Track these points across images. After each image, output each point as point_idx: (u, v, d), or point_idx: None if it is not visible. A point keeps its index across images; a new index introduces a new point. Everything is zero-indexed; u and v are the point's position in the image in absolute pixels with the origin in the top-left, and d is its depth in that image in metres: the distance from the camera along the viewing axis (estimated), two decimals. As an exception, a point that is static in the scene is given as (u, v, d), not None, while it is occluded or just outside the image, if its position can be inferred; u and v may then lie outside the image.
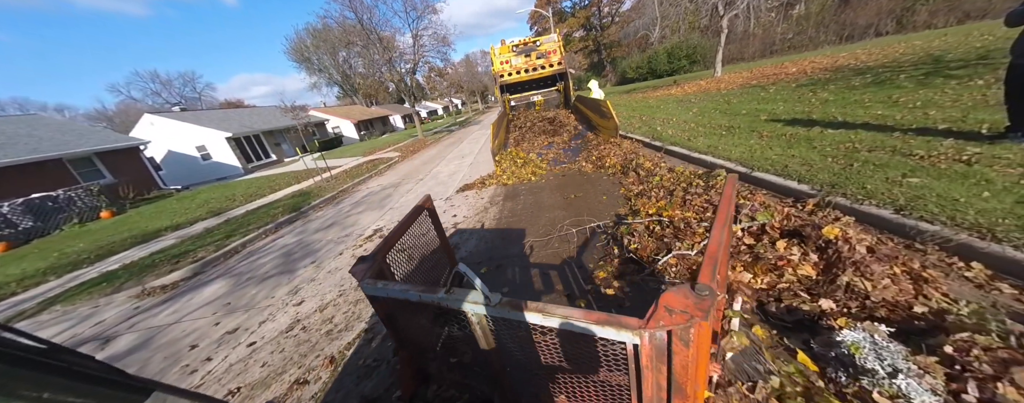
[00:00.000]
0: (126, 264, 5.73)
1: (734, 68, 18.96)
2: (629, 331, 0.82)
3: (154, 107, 44.99)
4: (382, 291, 1.26)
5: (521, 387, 1.33)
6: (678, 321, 0.75)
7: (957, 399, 1.18)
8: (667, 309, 0.78)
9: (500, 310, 1.00)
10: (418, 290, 1.17)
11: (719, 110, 7.55)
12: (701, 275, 0.89)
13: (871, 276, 1.74)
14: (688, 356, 0.79)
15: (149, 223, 8.84)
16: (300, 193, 9.62)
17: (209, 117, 20.26)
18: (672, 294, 0.81)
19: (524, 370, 1.25)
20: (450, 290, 1.08)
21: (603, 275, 2.57)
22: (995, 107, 3.74)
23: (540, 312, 0.94)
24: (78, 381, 0.52)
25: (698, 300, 0.78)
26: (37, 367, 0.49)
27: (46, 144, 11.91)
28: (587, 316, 0.88)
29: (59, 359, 0.52)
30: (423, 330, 1.45)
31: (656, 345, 0.81)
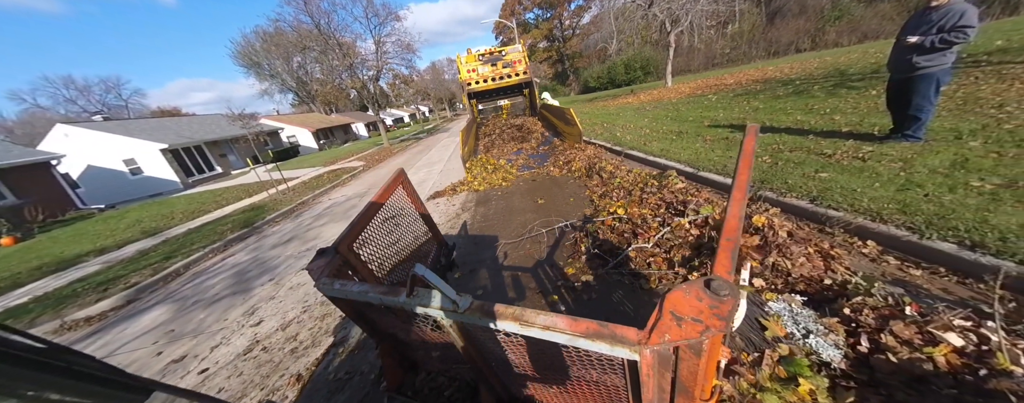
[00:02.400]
0: (37, 296, 4.95)
1: (683, 79, 20.74)
2: (626, 347, 0.66)
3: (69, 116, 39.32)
4: (340, 292, 1.15)
5: (508, 378, 1.25)
6: (689, 334, 0.59)
7: (854, 350, 1.44)
8: (674, 316, 0.61)
9: (470, 317, 0.86)
10: (379, 291, 1.05)
11: (670, 117, 8.25)
12: (718, 265, 0.71)
13: (791, 256, 2.04)
14: (698, 364, 0.64)
15: (65, 248, 7.69)
16: (253, 207, 8.93)
17: (139, 127, 18.11)
18: (681, 295, 0.63)
19: (508, 365, 1.15)
20: (413, 293, 0.95)
21: (572, 271, 2.72)
22: (884, 113, 4.51)
23: (516, 320, 0.77)
24: (78, 381, 0.52)
25: (715, 303, 0.60)
26: (37, 367, 0.49)
27: (-78, 160, 9.93)
28: (574, 325, 0.71)
29: (59, 359, 0.52)
30: (399, 326, 1.33)
31: (659, 359, 0.66)
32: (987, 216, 2.03)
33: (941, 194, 2.38)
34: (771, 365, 1.40)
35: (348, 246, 1.38)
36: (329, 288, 1.18)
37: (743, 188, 0.96)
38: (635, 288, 2.36)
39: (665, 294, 0.65)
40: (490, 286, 2.85)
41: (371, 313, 1.34)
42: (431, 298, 0.93)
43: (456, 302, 0.87)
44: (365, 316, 1.37)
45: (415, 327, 1.20)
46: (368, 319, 1.39)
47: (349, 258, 1.37)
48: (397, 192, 1.70)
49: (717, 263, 0.72)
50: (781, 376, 1.38)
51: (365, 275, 1.45)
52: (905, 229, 2.17)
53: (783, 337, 1.51)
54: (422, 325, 1.08)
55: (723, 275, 0.67)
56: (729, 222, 0.84)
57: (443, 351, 1.36)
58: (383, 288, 1.08)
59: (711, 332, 0.58)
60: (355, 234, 1.43)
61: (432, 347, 1.37)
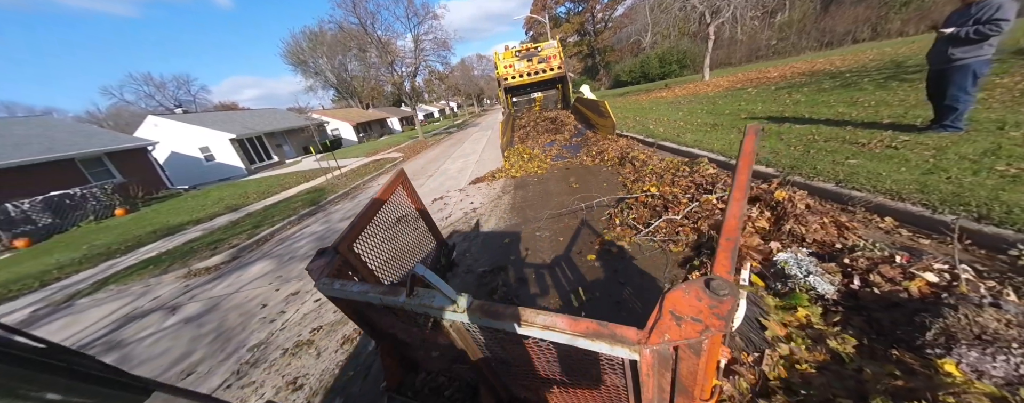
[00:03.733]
0: (164, 251, 6.18)
1: (722, 72, 19.94)
2: (625, 346, 0.67)
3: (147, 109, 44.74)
4: (340, 292, 1.12)
5: (508, 378, 1.24)
6: (689, 334, 0.60)
7: (846, 287, 1.80)
8: (673, 316, 0.63)
9: (470, 317, 0.86)
10: (379, 291, 1.04)
11: (705, 110, 8.28)
12: (717, 265, 0.72)
13: (806, 224, 2.37)
14: (698, 364, 0.65)
15: (168, 218, 9.24)
16: (314, 189, 10.09)
17: (212, 119, 20.58)
18: (680, 294, 0.64)
19: (508, 365, 1.14)
20: (413, 293, 0.95)
21: (609, 238, 3.17)
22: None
23: (516, 319, 0.78)
24: (78, 381, 0.51)
25: (715, 302, 0.61)
26: (37, 367, 0.48)
27: (59, 144, 12.20)
28: (574, 325, 0.73)
29: (59, 359, 0.51)
30: (399, 326, 1.30)
31: (659, 359, 0.67)
32: (1000, 194, 2.24)
33: (963, 177, 2.56)
34: (776, 305, 1.79)
35: (348, 246, 1.35)
36: (329, 288, 1.15)
37: (743, 188, 0.97)
38: (664, 251, 2.77)
39: (665, 293, 0.64)
40: (533, 249, 3.37)
41: (371, 313, 1.30)
42: (431, 298, 0.91)
43: (456, 302, 0.86)
44: (365, 316, 1.33)
45: (415, 327, 1.18)
46: (368, 319, 1.35)
47: (349, 258, 1.34)
48: (397, 192, 1.64)
49: (717, 263, 0.72)
50: (784, 306, 1.78)
51: (365, 275, 1.41)
52: (920, 205, 2.41)
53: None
54: (422, 325, 1.09)
55: (723, 275, 0.67)
56: (729, 222, 0.84)
57: (443, 351, 1.33)
58: (383, 288, 1.07)
59: (711, 332, 0.58)
60: (355, 234, 1.40)
61: (432, 347, 1.35)
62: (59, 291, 5.15)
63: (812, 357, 1.47)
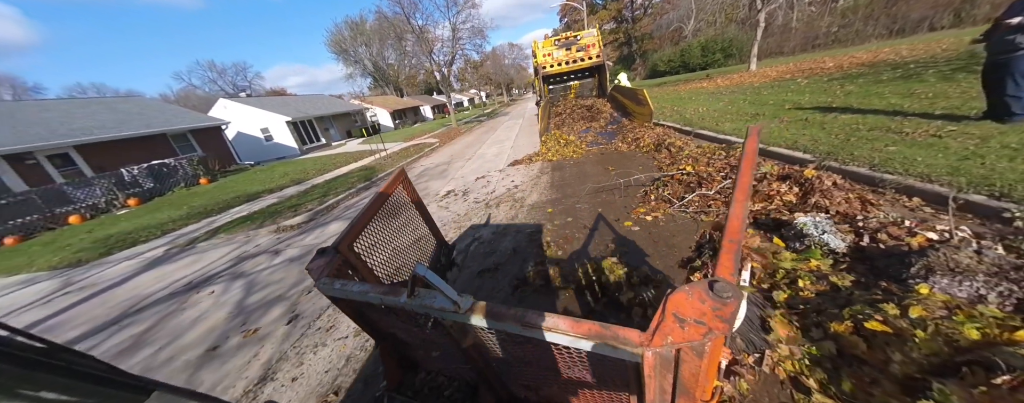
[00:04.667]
0: (252, 212, 7.34)
1: (771, 62, 18.78)
2: (628, 348, 0.68)
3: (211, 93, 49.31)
4: (340, 292, 1.11)
5: (508, 378, 1.24)
6: (691, 336, 0.60)
7: (856, 244, 2.14)
8: (676, 318, 0.62)
9: (471, 318, 0.86)
10: (379, 292, 1.04)
11: (748, 101, 8.17)
12: (720, 267, 0.72)
13: (831, 197, 2.67)
14: (700, 365, 0.66)
15: (245, 187, 10.66)
16: (365, 168, 11.13)
17: (270, 102, 22.63)
18: (683, 296, 0.63)
19: (508, 365, 1.15)
20: (414, 293, 0.95)
21: (642, 210, 3.59)
22: (993, 97, 4.35)
23: (518, 321, 0.79)
24: (78, 381, 0.51)
25: (718, 305, 0.60)
26: (37, 367, 0.48)
27: (153, 121, 14.23)
28: (576, 327, 0.72)
29: (59, 359, 0.51)
30: (399, 326, 1.30)
31: (661, 361, 0.68)
32: (1028, 176, 2.40)
33: (997, 163, 2.71)
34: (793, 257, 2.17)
35: (348, 246, 1.34)
36: (329, 288, 1.14)
37: (745, 189, 0.96)
38: (696, 221, 3.16)
39: (668, 295, 0.64)
40: (574, 217, 3.86)
41: (371, 313, 1.29)
42: (432, 299, 0.91)
43: (457, 303, 0.85)
44: (365, 316, 1.32)
45: (415, 327, 1.19)
46: (368, 319, 1.34)
47: (349, 258, 1.33)
48: (398, 191, 1.63)
49: (720, 265, 0.71)
50: (800, 259, 2.15)
51: (365, 275, 1.40)
52: (947, 186, 2.61)
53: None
54: (422, 325, 1.09)
55: (726, 277, 0.66)
56: (731, 223, 0.83)
57: (443, 351, 1.34)
58: (384, 288, 1.06)
59: (714, 334, 0.58)
60: (355, 234, 1.38)
61: (432, 347, 1.35)
62: (180, 238, 6.38)
63: (814, 287, 1.87)
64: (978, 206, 2.38)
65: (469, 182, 6.93)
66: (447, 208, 5.47)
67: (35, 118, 12.01)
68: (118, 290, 4.51)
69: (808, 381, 1.43)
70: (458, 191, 6.41)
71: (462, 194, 6.14)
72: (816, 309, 1.72)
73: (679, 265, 2.46)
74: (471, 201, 5.55)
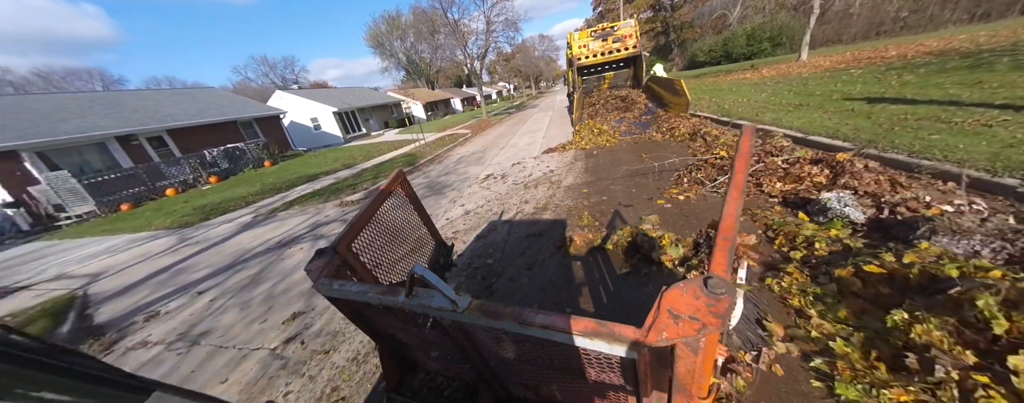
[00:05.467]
0: (316, 189, 8.37)
1: (826, 51, 17.45)
2: (624, 344, 0.67)
3: (264, 86, 53.51)
4: (339, 292, 1.12)
5: (507, 377, 1.25)
6: (686, 332, 0.60)
7: (875, 218, 2.38)
8: (671, 314, 0.62)
9: (469, 317, 0.87)
10: (378, 292, 1.05)
11: (793, 92, 7.94)
12: (714, 264, 0.74)
13: (860, 179, 2.86)
14: (695, 361, 0.66)
15: (304, 170, 11.93)
16: (406, 155, 12.01)
17: (318, 94, 24.48)
18: (678, 293, 0.64)
19: (507, 364, 1.16)
20: (412, 293, 0.96)
21: (675, 191, 3.90)
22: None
23: (515, 319, 0.79)
24: (78, 381, 0.51)
25: (712, 301, 0.61)
26: (37, 367, 0.48)
27: (225, 109, 16.10)
28: (573, 324, 0.72)
29: (59, 359, 0.51)
30: (398, 326, 1.31)
31: (657, 357, 0.69)
32: (1068, 161, 2.48)
33: (1042, 148, 2.75)
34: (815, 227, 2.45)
35: (347, 246, 1.34)
36: (328, 289, 1.14)
37: (739, 187, 0.97)
38: (726, 199, 3.44)
39: (663, 292, 0.65)
40: (608, 198, 4.23)
41: (370, 313, 1.29)
42: (430, 298, 0.91)
43: (455, 302, 0.86)
44: (364, 316, 1.33)
45: (414, 327, 1.20)
46: (367, 319, 1.35)
47: (347, 258, 1.34)
48: (396, 193, 1.64)
49: (714, 262, 0.73)
50: (821, 229, 2.43)
51: (363, 275, 1.42)
52: (983, 171, 2.72)
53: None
54: (421, 325, 1.10)
55: (720, 273, 0.68)
56: (725, 221, 0.85)
57: (442, 351, 1.36)
58: (382, 288, 1.07)
59: (708, 330, 0.59)
60: (354, 235, 1.38)
61: (431, 347, 1.37)
62: (261, 209, 7.49)
63: (828, 248, 2.17)
64: (1008, 189, 2.50)
65: (506, 167, 7.44)
66: (488, 189, 6.02)
67: (135, 106, 14.10)
68: (225, 245, 5.53)
69: (809, 311, 1.79)
70: (496, 175, 6.94)
71: (501, 177, 6.66)
72: (826, 262, 2.05)
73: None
74: (510, 183, 6.06)
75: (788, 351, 1.56)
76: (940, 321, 1.29)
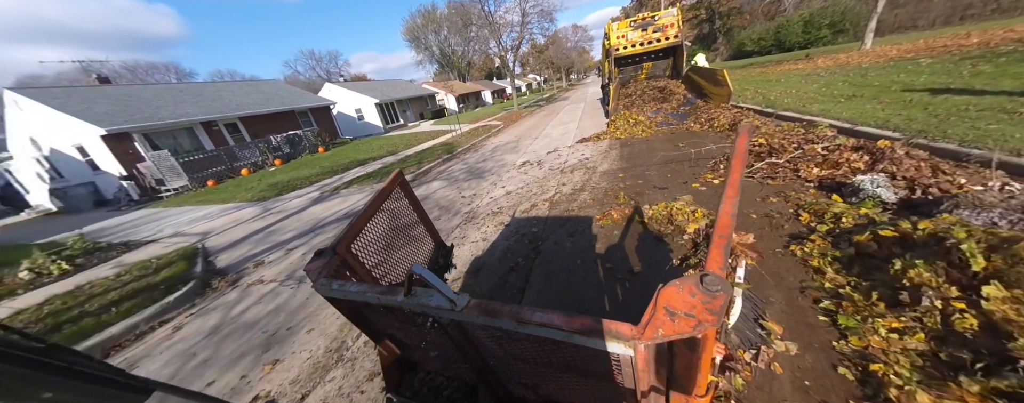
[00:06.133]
0: (368, 172, 9.29)
1: (896, 39, 15.82)
2: (620, 342, 0.68)
3: (311, 80, 57.34)
4: (338, 292, 1.13)
5: (507, 376, 1.27)
6: (682, 329, 0.61)
7: (908, 198, 2.55)
8: (668, 311, 0.63)
9: (467, 316, 0.87)
10: (377, 291, 1.06)
11: (848, 82, 7.56)
12: (710, 261, 0.74)
13: (899, 164, 2.97)
14: (692, 359, 0.68)
15: (354, 155, 13.08)
16: (444, 144, 12.75)
17: (362, 86, 26.10)
18: (674, 290, 0.65)
19: (506, 364, 1.17)
20: (411, 292, 0.95)
21: (710, 176, 4.11)
22: None
23: (513, 318, 0.79)
24: (78, 381, 0.52)
25: (708, 298, 0.62)
26: (37, 367, 0.48)
27: (286, 100, 17.83)
28: (569, 322, 0.73)
29: (59, 359, 0.51)
30: (397, 326, 1.32)
31: (653, 355, 0.69)
32: None
33: (1108, 137, 2.70)
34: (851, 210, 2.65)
35: (346, 247, 1.36)
36: (327, 289, 1.15)
37: (735, 186, 0.97)
38: (761, 183, 3.63)
39: (659, 290, 0.66)
40: (644, 181, 4.52)
41: (369, 313, 1.31)
42: (429, 298, 0.92)
43: (453, 301, 0.86)
44: (363, 317, 1.34)
45: (413, 327, 1.22)
46: (366, 320, 1.36)
47: (347, 259, 1.35)
48: (395, 193, 1.65)
49: (710, 259, 0.74)
50: (852, 207, 2.63)
51: (362, 276, 1.43)
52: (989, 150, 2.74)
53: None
54: (420, 325, 1.10)
55: (716, 271, 0.69)
56: (721, 219, 0.86)
57: (441, 351, 1.37)
58: (381, 288, 1.08)
59: (704, 326, 0.60)
60: (353, 235, 1.39)
61: (431, 347, 1.37)
62: (325, 187, 8.51)
63: (854, 222, 2.40)
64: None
65: (541, 155, 7.83)
66: (526, 173, 6.47)
67: (213, 96, 16.06)
68: (302, 214, 6.49)
69: (825, 268, 2.08)
70: (533, 162, 7.37)
71: (537, 164, 7.09)
72: (849, 232, 2.29)
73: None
74: (546, 169, 6.47)
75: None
76: (931, 265, 1.56)
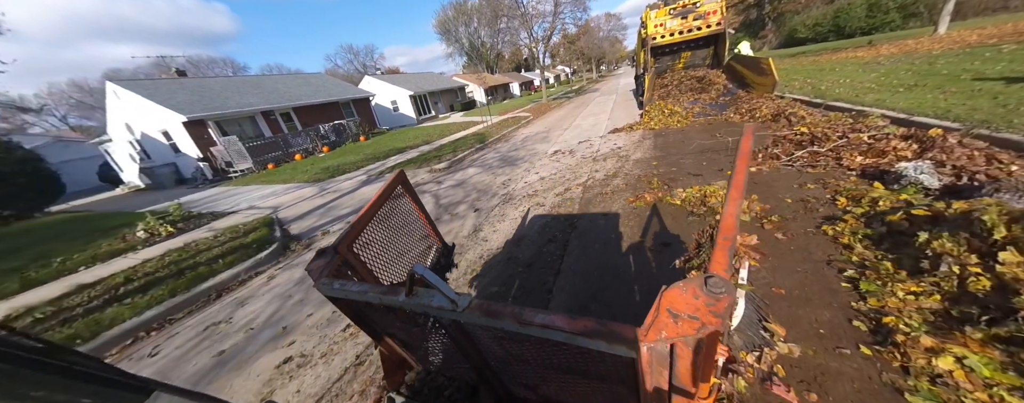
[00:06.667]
0: (407, 159, 9.96)
1: (979, 22, 13.98)
2: (623, 344, 0.68)
3: (348, 73, 60.20)
4: (340, 292, 1.12)
5: (508, 377, 1.27)
6: (685, 331, 0.61)
7: (953, 185, 2.56)
8: (671, 313, 0.64)
9: (468, 316, 0.87)
10: (378, 291, 1.05)
11: (912, 71, 7.01)
12: (714, 263, 0.74)
13: (949, 153, 2.93)
14: (695, 361, 0.67)
15: (392, 144, 13.92)
16: (476, 134, 13.21)
17: (397, 79, 27.25)
18: (677, 292, 0.65)
19: (507, 365, 1.17)
20: (412, 292, 0.94)
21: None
22: None
23: (515, 318, 0.79)
24: (78, 381, 0.52)
25: (711, 300, 0.63)
26: (37, 367, 0.49)
27: (332, 92, 19.16)
28: (572, 324, 0.73)
29: (59, 359, 0.52)
30: (398, 326, 1.33)
31: (656, 357, 0.68)
32: None
33: None
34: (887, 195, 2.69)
35: (348, 246, 1.36)
36: (328, 288, 1.14)
37: (739, 187, 0.97)
38: (799, 171, 3.66)
39: (662, 291, 0.66)
40: (677, 169, 4.63)
41: (371, 313, 1.32)
42: (430, 298, 0.92)
43: (455, 301, 0.86)
44: (364, 316, 1.35)
45: (414, 327, 1.22)
46: (368, 319, 1.37)
47: (348, 258, 1.36)
48: (397, 193, 1.68)
49: (714, 261, 0.75)
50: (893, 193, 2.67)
51: (364, 275, 1.44)
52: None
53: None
54: (421, 325, 1.08)
55: (720, 273, 0.69)
56: (725, 221, 0.86)
57: (442, 351, 1.37)
58: (382, 288, 1.08)
59: (707, 328, 0.60)
60: (355, 234, 1.40)
61: (431, 347, 1.38)
62: (371, 171, 9.27)
63: (891, 206, 2.48)
64: None
65: (572, 145, 8.03)
66: (558, 161, 6.73)
67: (270, 88, 17.62)
68: (355, 193, 7.22)
69: (855, 244, 2.22)
70: (564, 150, 7.59)
71: (569, 153, 7.31)
72: (884, 214, 2.39)
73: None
74: (578, 157, 6.68)
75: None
76: (954, 236, 1.69)
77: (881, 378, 1.44)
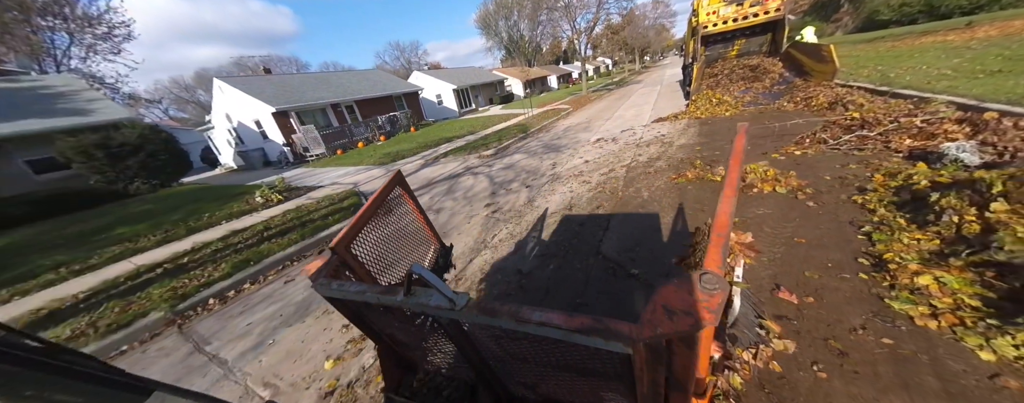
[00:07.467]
0: (455, 147, 10.92)
1: None
2: (619, 341, 0.69)
3: (394, 68, 63.82)
4: (338, 292, 1.12)
5: (506, 376, 1.27)
6: (681, 327, 0.63)
7: (995, 162, 2.72)
8: (666, 310, 0.65)
9: (466, 315, 0.88)
10: (377, 291, 1.05)
11: (1003, 56, 6.39)
12: (708, 260, 0.75)
13: (1001, 134, 3.01)
14: (690, 357, 0.70)
15: (440, 134, 15.08)
16: (517, 125, 13.87)
17: (442, 74, 28.73)
18: (672, 290, 0.67)
19: (505, 363, 1.17)
20: (410, 292, 0.95)
21: (792, 148, 4.36)
22: None
23: (512, 317, 0.80)
24: (78, 381, 0.52)
25: (706, 297, 0.64)
26: (37, 367, 0.49)
27: (386, 86, 20.95)
28: (568, 321, 0.73)
29: (59, 359, 0.52)
30: (397, 326, 1.31)
31: (652, 353, 0.70)
32: None
33: None
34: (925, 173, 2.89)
35: (346, 247, 1.35)
36: (326, 289, 1.15)
37: (733, 186, 0.98)
38: (846, 156, 3.83)
39: (658, 289, 0.68)
40: (721, 153, 4.90)
41: (369, 313, 1.30)
42: (428, 297, 0.92)
43: (453, 301, 0.87)
44: (363, 317, 1.34)
45: (413, 327, 1.22)
46: (366, 320, 1.35)
47: (346, 259, 1.35)
48: (395, 193, 1.66)
49: (708, 258, 0.76)
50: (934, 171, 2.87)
51: (362, 276, 1.44)
52: None
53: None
54: (419, 325, 1.10)
55: (714, 270, 0.70)
56: (719, 219, 0.87)
57: (441, 350, 1.37)
58: (380, 288, 1.08)
59: (701, 325, 0.61)
60: (353, 235, 1.39)
61: (430, 347, 1.38)
62: (427, 157, 10.36)
63: (927, 182, 2.72)
64: None
65: (615, 133, 8.36)
66: (601, 148, 7.17)
67: (335, 83, 19.76)
68: (417, 174, 8.27)
69: (877, 208, 2.55)
70: (607, 138, 7.98)
71: (611, 140, 7.69)
72: (911, 185, 2.65)
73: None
74: (622, 143, 7.06)
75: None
76: (961, 193, 2.02)
77: (870, 291, 1.88)
